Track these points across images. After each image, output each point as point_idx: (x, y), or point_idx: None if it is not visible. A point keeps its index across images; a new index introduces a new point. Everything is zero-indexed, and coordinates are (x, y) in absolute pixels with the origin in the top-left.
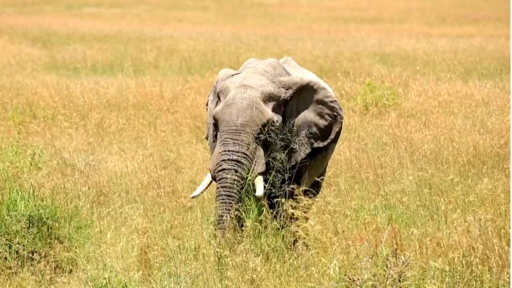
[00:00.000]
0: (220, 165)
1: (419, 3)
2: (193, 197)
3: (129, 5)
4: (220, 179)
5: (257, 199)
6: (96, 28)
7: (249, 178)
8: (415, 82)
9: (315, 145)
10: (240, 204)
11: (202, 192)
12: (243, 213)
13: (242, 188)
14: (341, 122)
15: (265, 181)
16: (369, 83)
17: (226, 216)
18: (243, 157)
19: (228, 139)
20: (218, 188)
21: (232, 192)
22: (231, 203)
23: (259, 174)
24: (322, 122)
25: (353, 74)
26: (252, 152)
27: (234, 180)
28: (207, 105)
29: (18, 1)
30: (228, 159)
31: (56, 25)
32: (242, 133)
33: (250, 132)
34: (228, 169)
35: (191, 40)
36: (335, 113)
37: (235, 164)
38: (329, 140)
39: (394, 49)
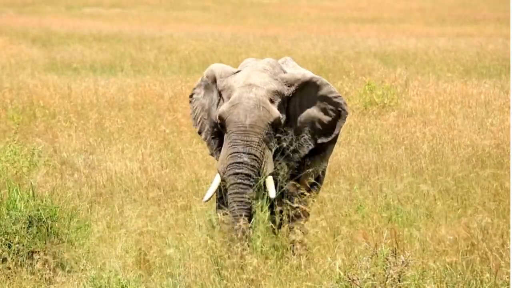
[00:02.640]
0: (231, 168)
1: (419, 3)
2: (205, 201)
3: (129, 5)
4: (232, 185)
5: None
6: (96, 29)
7: (260, 180)
8: (415, 82)
9: (319, 140)
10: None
11: (213, 195)
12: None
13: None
14: (346, 118)
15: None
16: (369, 83)
17: (242, 223)
18: (254, 159)
19: (238, 140)
20: (231, 193)
21: (246, 197)
22: (246, 209)
23: (269, 174)
24: (326, 118)
25: (353, 74)
26: (262, 153)
27: (247, 185)
28: (190, 96)
29: (18, 1)
30: (239, 162)
31: (56, 25)
32: (251, 133)
33: (259, 132)
34: (240, 173)
35: (191, 40)
36: (339, 109)
37: (246, 167)
38: (333, 136)
39: (394, 49)
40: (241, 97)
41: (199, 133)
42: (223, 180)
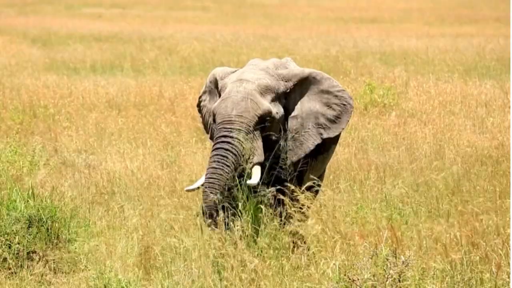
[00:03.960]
0: (214, 148)
1: (419, 3)
2: (187, 190)
3: (129, 5)
4: (212, 156)
5: (253, 189)
6: (96, 28)
7: (246, 168)
8: (415, 82)
9: (325, 135)
10: (230, 183)
11: (198, 187)
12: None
13: (235, 169)
14: (351, 112)
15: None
16: (369, 83)
17: (212, 189)
18: (235, 140)
19: (222, 128)
20: (208, 167)
21: (223, 165)
22: (220, 178)
23: (257, 164)
24: (330, 112)
25: (354, 74)
26: (248, 140)
27: (225, 157)
28: (198, 106)
29: (18, 1)
30: (222, 141)
31: (56, 25)
32: (236, 122)
33: (244, 122)
34: (220, 148)
35: (191, 40)
36: (344, 103)
37: (227, 144)
38: (340, 130)
39: (394, 49)
40: (231, 91)
41: (211, 138)
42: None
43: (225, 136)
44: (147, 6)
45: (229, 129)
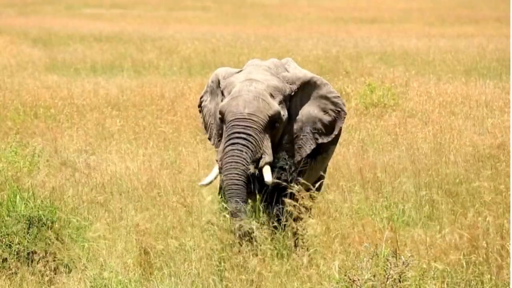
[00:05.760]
0: (229, 142)
1: (419, 3)
2: (201, 185)
3: (129, 5)
4: (228, 151)
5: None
6: (96, 29)
7: (254, 167)
8: (416, 82)
9: (320, 140)
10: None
11: (211, 182)
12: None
13: (252, 162)
14: (344, 118)
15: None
16: (369, 84)
17: (236, 187)
18: (251, 137)
19: (235, 125)
20: (225, 163)
21: (240, 162)
22: (239, 174)
23: (267, 164)
24: (326, 118)
25: (354, 74)
26: (260, 139)
27: (243, 152)
28: (199, 106)
29: (18, 1)
30: (236, 137)
31: (57, 26)
32: (249, 121)
33: (257, 121)
34: (237, 143)
35: (191, 40)
36: (338, 109)
37: (244, 140)
38: (333, 136)
39: (395, 49)
40: (241, 90)
41: (209, 139)
42: (220, 169)
43: (239, 133)
44: (148, 6)
45: (243, 126)
